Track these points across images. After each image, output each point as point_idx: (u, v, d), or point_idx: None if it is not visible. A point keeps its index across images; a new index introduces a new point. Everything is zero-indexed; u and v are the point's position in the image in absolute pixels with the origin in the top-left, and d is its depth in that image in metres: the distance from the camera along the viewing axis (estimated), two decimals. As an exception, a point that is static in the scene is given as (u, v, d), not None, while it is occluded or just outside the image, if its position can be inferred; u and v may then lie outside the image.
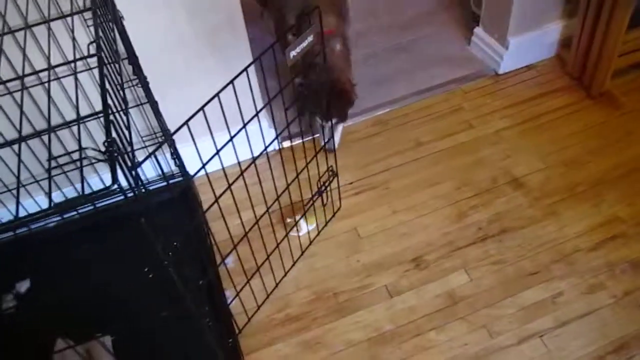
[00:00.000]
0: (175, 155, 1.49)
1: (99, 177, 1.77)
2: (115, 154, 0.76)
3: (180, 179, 1.86)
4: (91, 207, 1.66)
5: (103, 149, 0.77)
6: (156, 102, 1.58)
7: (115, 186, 0.73)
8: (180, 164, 1.54)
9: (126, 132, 0.94)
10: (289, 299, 1.62)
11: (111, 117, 0.82)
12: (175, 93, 1.70)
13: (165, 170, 1.91)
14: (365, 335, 1.53)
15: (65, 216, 1.67)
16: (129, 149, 0.88)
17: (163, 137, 1.68)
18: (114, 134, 0.80)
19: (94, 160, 0.79)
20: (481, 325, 1.52)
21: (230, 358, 1.40)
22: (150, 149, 1.79)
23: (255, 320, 1.58)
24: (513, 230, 1.71)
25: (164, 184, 1.85)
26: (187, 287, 1.01)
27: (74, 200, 0.72)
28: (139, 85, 1.51)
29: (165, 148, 1.83)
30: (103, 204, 1.80)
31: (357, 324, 1.55)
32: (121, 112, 0.99)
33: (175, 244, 1.02)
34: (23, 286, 1.70)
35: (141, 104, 1.64)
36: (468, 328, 1.52)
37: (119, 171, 0.77)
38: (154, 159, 1.84)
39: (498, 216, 1.75)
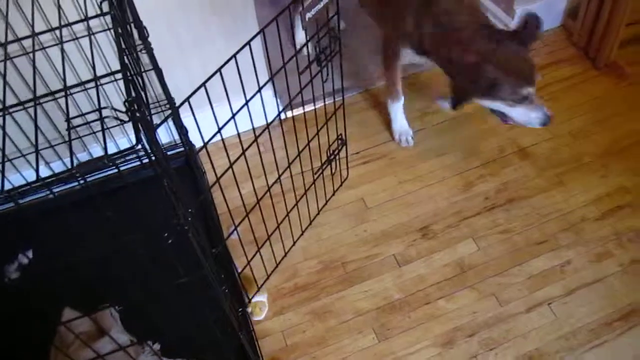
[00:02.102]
0: (179, 123, 1.46)
1: (114, 143, 1.73)
2: (138, 113, 0.74)
3: (182, 148, 1.84)
4: (114, 170, 1.64)
5: (123, 109, 0.75)
6: (161, 70, 1.55)
7: (140, 146, 0.71)
8: (185, 133, 1.51)
9: (142, 94, 0.92)
10: (297, 269, 1.61)
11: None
12: (180, 61, 1.67)
13: (168, 140, 1.89)
14: (374, 304, 1.53)
15: (82, 181, 1.64)
16: (146, 111, 0.86)
17: (168, 106, 1.65)
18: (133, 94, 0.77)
19: (115, 123, 0.76)
20: (490, 294, 1.53)
21: (241, 328, 1.40)
22: (155, 117, 1.77)
23: (264, 289, 1.57)
24: (520, 200, 1.71)
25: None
26: (204, 254, 0.99)
27: (96, 160, 0.69)
28: (144, 52, 1.47)
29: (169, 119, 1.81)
30: (122, 168, 1.78)
31: (365, 293, 1.55)
32: (136, 75, 0.96)
33: (190, 210, 1.01)
34: (26, 257, 1.68)
35: (145, 71, 1.60)
36: (477, 296, 1.53)
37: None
38: (166, 124, 1.82)
39: (505, 186, 1.74)
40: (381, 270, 1.59)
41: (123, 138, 1.76)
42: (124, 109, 0.74)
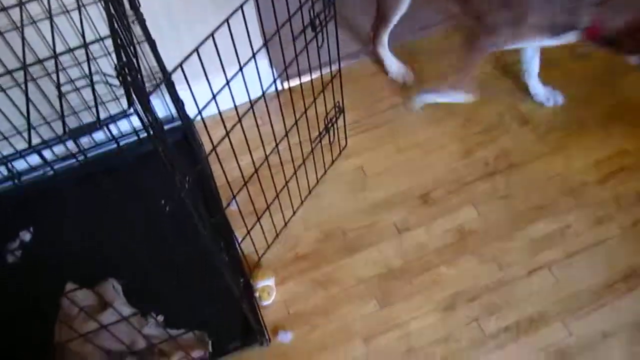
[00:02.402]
0: (174, 95, 1.45)
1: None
2: (128, 77, 0.72)
3: (179, 122, 1.83)
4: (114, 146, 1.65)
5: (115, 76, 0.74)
6: (154, 41, 1.53)
7: (132, 110, 0.70)
8: (181, 106, 1.50)
9: (134, 61, 0.90)
10: (297, 239, 1.61)
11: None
12: (172, 34, 1.64)
13: (164, 115, 1.87)
14: (376, 271, 1.54)
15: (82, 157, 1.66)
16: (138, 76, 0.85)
17: (162, 79, 1.63)
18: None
19: (111, 99, 0.75)
20: (491, 259, 1.53)
21: (243, 298, 1.40)
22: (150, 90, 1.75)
23: (265, 260, 1.57)
24: (520, 165, 1.70)
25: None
26: (203, 223, 0.99)
27: (88, 125, 0.68)
28: (136, 23, 1.45)
29: (164, 91, 1.80)
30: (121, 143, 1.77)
31: (367, 261, 1.56)
32: (128, 45, 0.94)
33: (188, 178, 1.00)
34: (27, 234, 1.68)
35: (138, 43, 1.58)
36: (478, 261, 1.53)
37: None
38: (162, 98, 1.80)
39: (505, 151, 1.73)
40: (382, 238, 1.59)
41: (123, 121, 1.75)
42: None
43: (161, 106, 1.81)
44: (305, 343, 1.45)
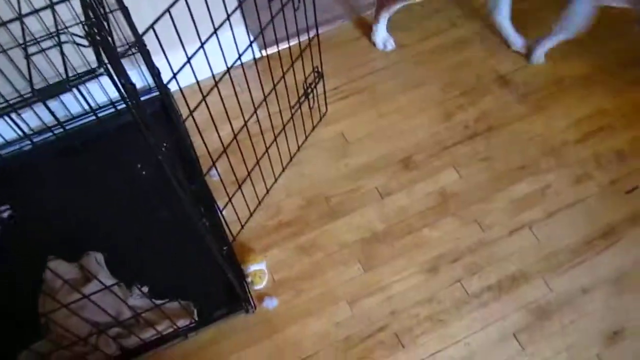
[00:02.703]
0: (150, 63, 1.42)
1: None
2: (98, 36, 0.71)
3: (157, 92, 1.80)
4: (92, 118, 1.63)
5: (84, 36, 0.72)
6: (127, 8, 1.49)
7: (102, 69, 0.68)
8: (157, 74, 1.47)
9: (105, 24, 0.88)
10: (280, 206, 1.61)
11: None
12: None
13: (140, 86, 1.84)
14: (359, 235, 1.54)
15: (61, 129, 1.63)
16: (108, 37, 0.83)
17: (138, 49, 1.60)
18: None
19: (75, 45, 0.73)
20: (472, 220, 1.54)
21: (227, 267, 1.40)
22: (126, 63, 1.72)
23: (248, 228, 1.57)
24: (500, 127, 1.70)
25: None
26: (183, 189, 0.98)
27: (56, 84, 0.67)
28: (108, -10, 1.42)
29: (141, 60, 1.76)
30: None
31: (350, 226, 1.56)
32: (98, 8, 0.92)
33: (165, 144, 0.99)
34: (5, 211, 1.66)
35: (111, 12, 1.54)
36: (460, 223, 1.54)
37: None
38: (138, 68, 1.76)
39: (485, 114, 1.74)
40: (364, 203, 1.59)
41: (100, 93, 1.72)
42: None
43: (138, 77, 1.78)
44: (290, 309, 1.46)
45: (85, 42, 0.72)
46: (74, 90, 1.65)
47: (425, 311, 1.43)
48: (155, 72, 1.42)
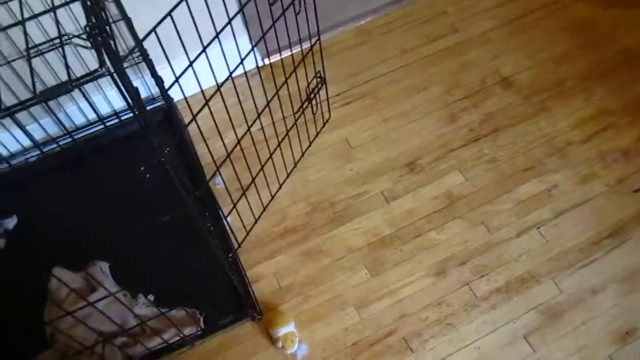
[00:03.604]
0: (153, 71, 1.43)
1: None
2: (99, 38, 0.71)
3: (161, 102, 1.81)
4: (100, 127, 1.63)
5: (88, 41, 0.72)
6: (130, 19, 1.50)
7: (103, 69, 0.68)
8: (161, 82, 1.48)
9: (108, 28, 0.88)
10: (285, 212, 1.60)
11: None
12: (150, 10, 1.61)
13: (144, 95, 1.85)
14: (366, 240, 1.53)
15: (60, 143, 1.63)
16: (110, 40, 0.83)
17: (141, 58, 1.61)
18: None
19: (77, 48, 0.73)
20: (480, 222, 1.53)
21: (232, 273, 1.40)
22: (130, 72, 1.72)
23: (254, 235, 1.56)
24: (505, 129, 1.70)
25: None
26: (187, 194, 0.97)
27: (60, 85, 0.67)
28: (110, 1, 1.42)
29: (145, 70, 1.77)
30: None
31: (356, 231, 1.55)
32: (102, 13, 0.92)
33: (167, 149, 0.98)
34: (11, 222, 1.65)
35: (114, 22, 1.55)
36: (467, 225, 1.53)
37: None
38: (142, 79, 1.76)
39: (489, 116, 1.73)
40: (370, 208, 1.58)
41: (103, 104, 1.73)
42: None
43: (141, 87, 1.79)
44: (298, 315, 1.44)
45: (87, 44, 0.72)
46: (83, 99, 1.66)
47: (434, 315, 1.41)
48: (158, 81, 1.42)
